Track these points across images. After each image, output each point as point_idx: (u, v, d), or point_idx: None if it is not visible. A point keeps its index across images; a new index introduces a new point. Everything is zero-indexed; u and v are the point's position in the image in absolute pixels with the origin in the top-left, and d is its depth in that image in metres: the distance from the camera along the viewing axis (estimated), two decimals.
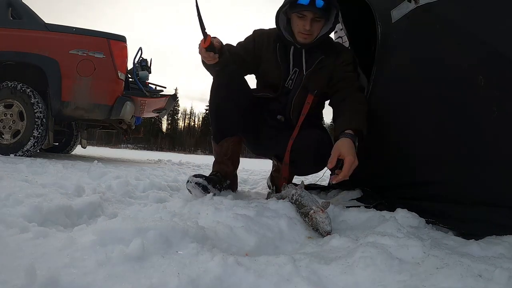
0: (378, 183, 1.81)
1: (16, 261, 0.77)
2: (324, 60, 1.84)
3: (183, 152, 46.00)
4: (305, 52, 1.83)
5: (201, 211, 1.34)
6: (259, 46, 1.90)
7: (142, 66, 4.98)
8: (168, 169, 4.09)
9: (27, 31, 4.05)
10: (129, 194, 1.86)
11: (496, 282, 0.77)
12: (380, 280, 0.82)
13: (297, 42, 1.80)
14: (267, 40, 1.90)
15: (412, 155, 1.64)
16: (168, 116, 60.55)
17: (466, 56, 1.38)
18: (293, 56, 1.85)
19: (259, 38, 1.92)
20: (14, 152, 3.85)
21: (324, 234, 1.22)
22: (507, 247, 1.05)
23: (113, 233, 0.89)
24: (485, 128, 1.33)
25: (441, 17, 1.47)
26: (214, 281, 0.76)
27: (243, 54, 1.89)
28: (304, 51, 1.83)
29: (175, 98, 5.31)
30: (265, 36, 1.92)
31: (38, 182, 1.81)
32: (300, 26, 1.74)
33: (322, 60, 1.84)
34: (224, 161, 1.84)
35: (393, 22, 1.73)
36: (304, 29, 1.73)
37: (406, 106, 1.68)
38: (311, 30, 1.73)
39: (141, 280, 0.74)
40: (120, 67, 4.14)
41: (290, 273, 0.81)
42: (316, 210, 1.27)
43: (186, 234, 0.94)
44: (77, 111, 4.07)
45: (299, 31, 1.76)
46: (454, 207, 1.41)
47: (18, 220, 1.06)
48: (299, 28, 1.75)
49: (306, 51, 1.83)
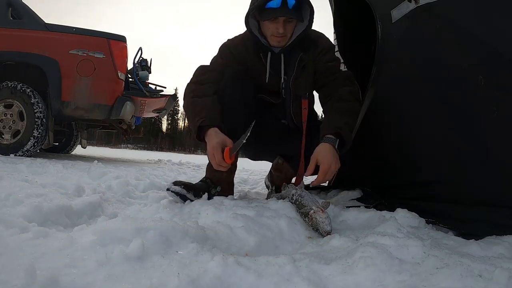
0: (378, 183, 1.81)
1: (16, 261, 0.77)
2: (303, 57, 1.72)
3: (183, 152, 46.02)
4: (284, 56, 1.71)
5: (201, 211, 1.34)
6: (240, 58, 1.75)
7: (142, 66, 4.98)
8: (168, 169, 4.10)
9: (27, 31, 4.05)
10: (129, 194, 1.86)
11: (496, 282, 0.77)
12: (380, 280, 0.82)
13: (272, 46, 1.68)
14: (245, 50, 1.75)
15: (412, 155, 1.64)
16: (168, 116, 60.65)
17: (466, 56, 1.38)
18: (270, 61, 1.72)
19: (236, 51, 1.75)
20: (14, 152, 3.85)
21: (324, 234, 1.22)
22: (507, 247, 1.05)
23: (113, 233, 0.89)
24: (485, 128, 1.33)
25: (441, 17, 1.47)
26: (214, 281, 0.76)
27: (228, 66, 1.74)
28: (283, 56, 1.71)
29: (175, 98, 5.31)
30: (240, 46, 1.76)
31: (38, 182, 1.81)
32: (273, 29, 1.61)
33: (302, 58, 1.71)
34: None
35: (393, 22, 1.73)
36: (278, 32, 1.61)
37: (406, 106, 1.68)
38: (284, 32, 1.62)
39: (141, 280, 0.74)
40: (120, 67, 4.14)
41: (290, 273, 0.81)
42: (316, 210, 1.27)
43: (186, 234, 0.94)
44: (77, 111, 4.08)
45: (272, 34, 1.64)
46: (454, 207, 1.41)
47: (18, 220, 1.07)
48: (271, 31, 1.63)
49: (285, 55, 1.71)
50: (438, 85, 1.49)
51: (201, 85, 1.67)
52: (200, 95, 1.63)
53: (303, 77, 1.75)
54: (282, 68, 1.73)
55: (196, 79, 1.71)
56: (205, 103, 1.59)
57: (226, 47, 1.79)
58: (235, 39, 1.81)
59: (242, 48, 1.76)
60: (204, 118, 1.53)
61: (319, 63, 1.75)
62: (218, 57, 1.78)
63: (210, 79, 1.69)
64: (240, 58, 1.75)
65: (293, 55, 1.72)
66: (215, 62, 1.78)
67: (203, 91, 1.64)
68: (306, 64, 1.73)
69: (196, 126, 1.54)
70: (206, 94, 1.63)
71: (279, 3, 1.54)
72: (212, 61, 1.79)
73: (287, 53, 1.71)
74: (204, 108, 1.57)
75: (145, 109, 4.68)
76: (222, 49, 1.80)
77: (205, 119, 1.53)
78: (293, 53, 1.71)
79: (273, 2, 1.55)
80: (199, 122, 1.53)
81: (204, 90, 1.64)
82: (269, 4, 1.56)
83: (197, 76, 1.73)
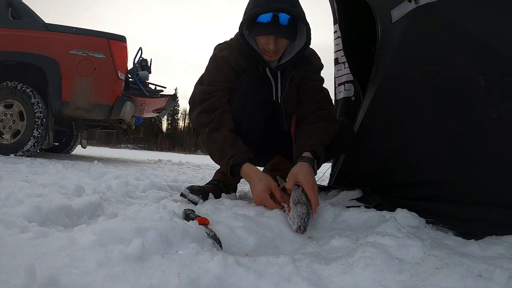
0: (378, 183, 1.81)
1: (16, 261, 0.77)
2: (295, 75, 1.68)
3: (183, 152, 45.98)
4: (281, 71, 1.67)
5: (201, 211, 1.34)
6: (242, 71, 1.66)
7: (142, 66, 4.99)
8: (168, 169, 4.10)
9: (27, 31, 4.06)
10: (129, 194, 1.86)
11: (496, 282, 0.77)
12: (380, 280, 0.82)
13: (265, 61, 1.62)
14: (247, 63, 1.66)
15: (412, 155, 1.64)
16: (168, 116, 60.54)
17: (466, 56, 1.38)
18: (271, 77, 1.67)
19: (236, 65, 1.65)
20: (14, 152, 3.85)
21: (295, 232, 1.23)
22: (507, 247, 1.05)
23: (113, 233, 0.89)
24: (485, 128, 1.33)
25: (441, 17, 1.47)
26: (214, 281, 0.76)
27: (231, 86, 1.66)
28: (280, 72, 1.66)
29: (175, 98, 5.31)
30: (240, 59, 1.65)
31: (38, 182, 1.81)
32: (264, 44, 1.54)
33: (293, 76, 1.68)
34: None
35: (393, 22, 1.73)
36: (269, 48, 1.53)
37: (406, 106, 1.68)
38: (276, 48, 1.53)
39: (141, 280, 0.73)
40: (120, 67, 4.15)
41: (290, 273, 0.81)
42: (292, 206, 1.29)
43: (186, 234, 0.94)
44: (77, 111, 4.08)
45: (263, 49, 1.56)
46: (454, 207, 1.41)
47: (18, 220, 1.06)
48: (262, 45, 1.55)
49: (281, 71, 1.66)
50: (438, 85, 1.49)
51: (210, 113, 1.59)
52: (216, 127, 1.56)
53: (292, 95, 1.73)
54: (279, 86, 1.68)
55: (201, 108, 1.61)
56: (227, 138, 1.54)
57: (224, 62, 1.65)
58: (232, 51, 1.68)
59: (243, 61, 1.66)
60: (235, 157, 1.49)
61: (306, 80, 1.74)
62: (216, 74, 1.66)
63: (217, 104, 1.60)
64: (242, 71, 1.66)
65: (286, 72, 1.67)
66: (214, 82, 1.65)
67: (216, 121, 1.56)
68: (294, 80, 1.71)
69: (229, 166, 1.51)
70: (223, 125, 1.56)
71: (270, 18, 1.44)
72: (210, 79, 1.66)
73: (282, 70, 1.67)
74: (226, 143, 1.53)
75: (145, 109, 4.68)
76: (219, 63, 1.66)
77: (236, 158, 1.49)
78: (287, 70, 1.67)
79: (264, 17, 1.45)
80: (231, 162, 1.50)
81: (217, 119, 1.57)
82: (259, 18, 1.46)
83: (200, 104, 1.63)
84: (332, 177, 2.41)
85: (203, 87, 1.66)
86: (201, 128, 1.62)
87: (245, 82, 1.63)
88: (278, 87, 1.68)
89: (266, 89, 1.68)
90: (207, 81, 1.67)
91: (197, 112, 1.63)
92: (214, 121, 1.57)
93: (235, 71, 1.65)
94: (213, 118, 1.57)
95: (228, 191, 1.76)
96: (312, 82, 1.75)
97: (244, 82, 1.63)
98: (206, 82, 1.67)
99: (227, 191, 1.75)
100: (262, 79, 1.66)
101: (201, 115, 1.61)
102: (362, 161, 2.00)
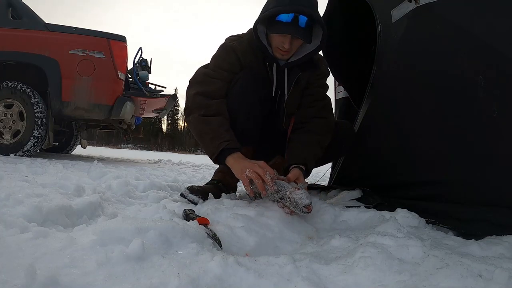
0: (378, 183, 1.81)
1: (16, 261, 0.77)
2: (301, 77, 1.70)
3: (183, 152, 46.01)
4: (287, 70, 1.68)
5: (201, 211, 1.34)
6: (247, 65, 1.68)
7: (142, 66, 4.98)
8: (168, 169, 4.10)
9: (27, 31, 4.05)
10: (129, 194, 1.86)
11: (496, 282, 0.77)
12: (380, 280, 0.82)
13: (276, 58, 1.64)
14: (255, 59, 1.68)
15: (413, 155, 1.64)
16: (168, 116, 60.59)
17: (466, 56, 1.38)
18: (276, 75, 1.69)
19: (244, 58, 1.67)
20: (14, 152, 3.85)
21: (304, 209, 1.25)
22: (507, 247, 1.05)
23: (113, 233, 0.89)
24: (485, 128, 1.33)
25: (441, 17, 1.47)
26: (214, 281, 0.76)
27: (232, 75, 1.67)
28: (287, 70, 1.67)
29: (175, 98, 5.31)
30: (249, 55, 1.67)
31: (38, 182, 1.81)
32: (279, 42, 1.56)
33: (299, 78, 1.69)
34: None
35: (393, 22, 1.73)
36: (283, 47, 1.56)
37: (406, 106, 1.68)
38: (290, 48, 1.56)
39: (141, 280, 0.73)
40: (120, 67, 4.14)
41: (290, 273, 0.81)
42: (292, 191, 1.31)
43: (186, 234, 0.94)
44: (77, 111, 4.08)
45: (277, 47, 1.58)
46: (454, 207, 1.41)
47: (18, 220, 1.06)
48: (276, 43, 1.58)
49: (288, 70, 1.68)
50: (438, 85, 1.49)
51: (208, 98, 1.58)
52: (211, 113, 1.55)
53: (296, 96, 1.75)
54: (285, 83, 1.69)
55: (201, 90, 1.60)
56: (223, 123, 1.53)
57: (232, 52, 1.67)
58: (241, 43, 1.70)
59: (251, 56, 1.67)
60: (229, 142, 1.48)
61: (311, 85, 1.76)
62: (222, 62, 1.67)
63: (217, 93, 1.60)
64: (248, 65, 1.67)
65: (293, 71, 1.68)
66: (219, 68, 1.66)
67: (215, 108, 1.56)
68: (300, 83, 1.72)
69: (220, 149, 1.48)
70: (218, 112, 1.55)
71: (290, 18, 1.47)
72: (215, 65, 1.67)
73: (290, 68, 1.68)
74: (223, 127, 1.52)
75: (145, 109, 4.68)
76: (228, 52, 1.68)
77: (230, 143, 1.48)
78: (293, 70, 1.68)
79: (285, 16, 1.48)
80: (224, 145, 1.47)
81: (215, 107, 1.56)
82: (279, 17, 1.49)
83: (201, 85, 1.62)
84: (332, 177, 2.41)
85: (207, 70, 1.67)
86: (196, 108, 1.59)
87: (241, 79, 1.64)
88: (284, 84, 1.69)
89: (264, 88, 1.69)
90: (212, 66, 1.68)
91: (195, 91, 1.61)
92: (212, 108, 1.56)
93: (240, 63, 1.67)
94: (211, 105, 1.57)
95: (228, 191, 1.75)
96: (316, 88, 1.78)
97: (239, 81, 1.63)
98: (211, 66, 1.68)
99: (227, 191, 1.74)
100: (259, 77, 1.67)
101: (199, 97, 1.59)
102: (362, 161, 2.00)
